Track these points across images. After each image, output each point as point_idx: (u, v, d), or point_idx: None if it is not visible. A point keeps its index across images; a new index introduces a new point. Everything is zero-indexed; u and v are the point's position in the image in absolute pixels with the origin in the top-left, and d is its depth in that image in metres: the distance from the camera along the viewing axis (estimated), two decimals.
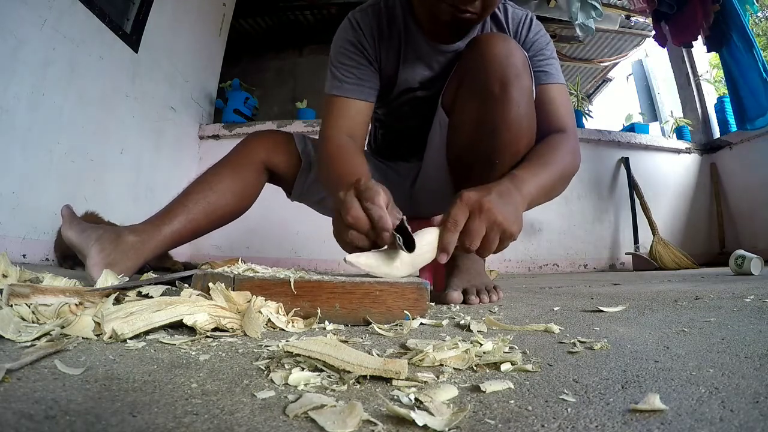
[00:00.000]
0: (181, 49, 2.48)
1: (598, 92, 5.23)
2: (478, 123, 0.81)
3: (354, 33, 0.90)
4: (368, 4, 0.93)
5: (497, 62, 0.77)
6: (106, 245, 0.77)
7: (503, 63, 0.77)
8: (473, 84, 0.81)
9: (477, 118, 0.81)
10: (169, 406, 0.25)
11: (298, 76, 4.04)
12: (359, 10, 0.92)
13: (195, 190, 0.90)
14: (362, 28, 0.90)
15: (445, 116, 0.91)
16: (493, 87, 0.77)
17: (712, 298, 0.78)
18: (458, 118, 0.87)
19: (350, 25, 0.91)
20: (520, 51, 0.80)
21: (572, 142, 0.85)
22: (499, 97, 0.77)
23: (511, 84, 0.77)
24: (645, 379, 0.31)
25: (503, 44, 0.78)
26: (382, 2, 0.92)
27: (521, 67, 0.78)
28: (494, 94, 0.77)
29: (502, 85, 0.77)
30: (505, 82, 0.77)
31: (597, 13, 2.53)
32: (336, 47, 0.91)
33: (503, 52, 0.77)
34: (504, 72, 0.77)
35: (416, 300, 0.54)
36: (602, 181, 2.71)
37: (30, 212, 1.56)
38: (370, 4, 0.93)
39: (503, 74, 0.77)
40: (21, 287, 0.46)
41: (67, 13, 1.70)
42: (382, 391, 0.28)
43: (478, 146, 0.82)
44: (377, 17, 0.91)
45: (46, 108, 1.63)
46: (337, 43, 0.92)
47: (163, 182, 2.30)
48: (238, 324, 0.46)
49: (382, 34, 0.91)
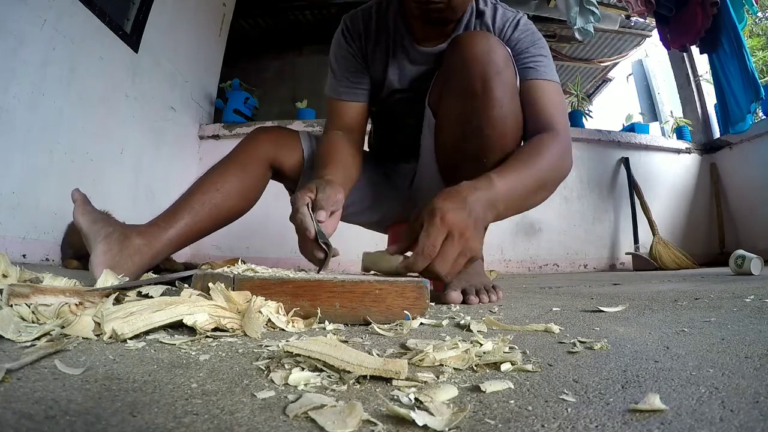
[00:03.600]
0: (181, 49, 2.48)
1: (598, 92, 5.23)
2: (463, 122, 0.81)
3: (344, 37, 0.95)
4: (361, 8, 0.96)
5: (477, 60, 0.76)
6: (113, 245, 0.77)
7: (484, 60, 0.76)
8: (455, 83, 0.81)
9: (461, 117, 0.81)
10: (169, 406, 0.25)
11: (298, 76, 4.04)
12: (350, 14, 0.97)
13: (200, 191, 0.89)
14: (351, 32, 0.95)
15: (433, 117, 0.91)
16: (475, 85, 0.77)
17: (712, 298, 0.78)
18: (444, 119, 0.87)
19: (341, 30, 0.96)
20: (501, 47, 0.78)
21: (561, 142, 0.79)
22: (482, 95, 0.76)
23: (493, 81, 0.76)
24: (645, 379, 0.31)
25: (483, 41, 0.77)
26: (375, 6, 0.94)
27: (502, 63, 0.77)
28: (476, 92, 0.77)
29: (484, 82, 0.76)
30: (487, 80, 0.76)
31: (595, 17, 2.53)
32: (331, 51, 0.98)
33: (483, 48, 0.76)
34: (485, 69, 0.76)
35: (416, 299, 0.54)
36: (602, 181, 2.71)
37: (30, 212, 1.56)
38: (362, 8, 0.96)
39: (484, 71, 0.76)
40: (21, 287, 0.46)
41: (67, 13, 1.70)
42: (382, 391, 0.28)
43: (464, 146, 0.82)
44: (367, 20, 0.94)
45: (46, 108, 1.63)
46: (332, 46, 0.98)
47: (163, 182, 2.30)
48: (238, 324, 0.46)
49: (370, 37, 0.94)
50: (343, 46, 0.95)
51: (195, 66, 2.64)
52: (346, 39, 0.95)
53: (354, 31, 0.95)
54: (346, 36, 0.95)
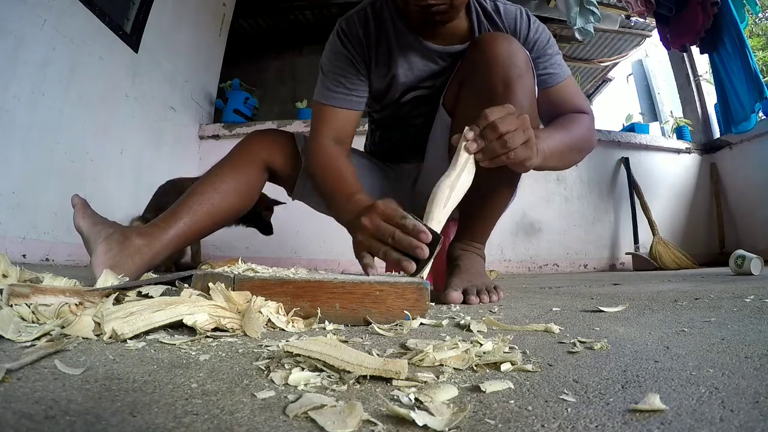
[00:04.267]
0: (181, 49, 2.48)
1: (598, 92, 5.23)
2: None
3: (341, 42, 0.92)
4: (354, 11, 0.93)
5: (500, 62, 0.77)
6: (113, 245, 0.77)
7: (506, 63, 0.77)
8: (476, 84, 0.81)
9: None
10: (169, 406, 0.25)
11: (298, 76, 4.04)
12: (345, 19, 0.93)
13: (198, 191, 0.90)
14: (349, 36, 0.91)
15: (447, 117, 0.92)
16: (497, 87, 0.77)
17: (712, 298, 0.78)
18: (461, 119, 0.85)
19: (337, 35, 0.92)
20: (522, 51, 0.80)
21: (591, 121, 0.89)
22: (503, 97, 0.77)
23: (515, 83, 0.77)
24: (645, 379, 0.31)
25: (506, 44, 0.78)
26: (369, 8, 0.92)
27: (524, 67, 0.78)
28: (498, 94, 0.77)
29: (506, 85, 0.77)
30: (508, 82, 0.77)
31: (595, 18, 2.53)
32: (325, 56, 0.94)
33: (506, 52, 0.77)
34: (507, 72, 0.77)
35: (416, 300, 0.54)
36: (602, 181, 2.71)
37: (30, 212, 1.56)
38: (356, 11, 0.93)
39: (506, 74, 0.77)
40: (21, 287, 0.46)
41: (67, 13, 1.70)
42: (382, 391, 0.28)
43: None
44: (364, 23, 0.91)
45: (46, 108, 1.63)
46: (327, 50, 0.94)
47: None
48: (238, 324, 0.46)
49: (370, 40, 0.91)
50: (341, 51, 0.91)
51: (195, 66, 2.64)
52: (344, 43, 0.91)
53: (352, 36, 0.91)
54: (343, 40, 0.91)
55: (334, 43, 0.93)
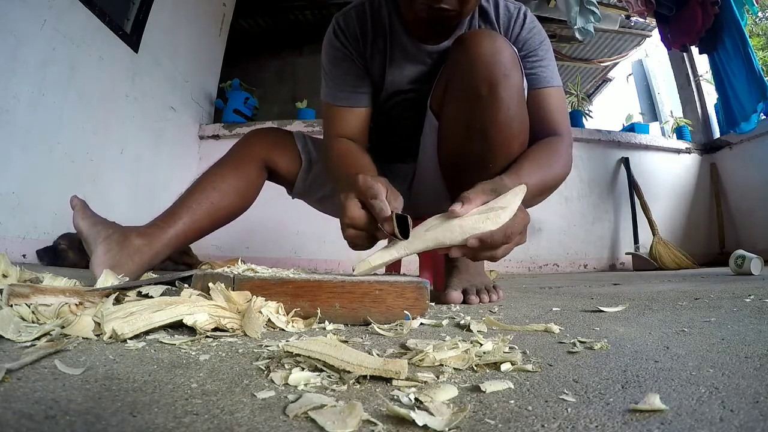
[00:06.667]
0: (181, 49, 2.48)
1: (598, 92, 5.23)
2: (468, 126, 0.78)
3: (339, 38, 0.90)
4: (352, 6, 0.91)
5: (484, 61, 0.73)
6: (113, 246, 0.77)
7: (490, 62, 0.73)
8: (460, 85, 0.78)
9: (466, 121, 0.78)
10: (169, 406, 0.25)
11: (297, 76, 4.04)
12: (342, 14, 0.91)
13: (198, 190, 0.90)
14: (346, 31, 0.89)
15: (435, 119, 0.89)
16: (481, 88, 0.74)
17: (712, 298, 0.78)
18: (447, 122, 0.84)
19: (334, 30, 0.91)
20: (508, 48, 0.75)
21: (567, 147, 0.83)
22: (488, 98, 0.74)
23: (500, 84, 0.73)
24: (645, 379, 0.31)
25: (489, 42, 0.74)
26: (367, 3, 0.90)
27: (510, 65, 0.74)
28: (482, 95, 0.74)
29: (490, 85, 0.73)
30: (493, 83, 0.73)
31: (596, 17, 2.53)
32: (325, 53, 0.92)
33: (489, 50, 0.73)
34: (491, 72, 0.73)
35: (416, 299, 0.54)
36: (602, 181, 2.71)
37: (30, 212, 1.56)
38: (353, 5, 0.91)
39: (490, 74, 0.73)
40: (21, 287, 0.46)
41: (67, 13, 1.70)
42: (382, 391, 0.28)
43: (469, 150, 0.80)
44: (361, 19, 0.89)
45: (46, 108, 1.63)
46: (325, 48, 0.92)
47: (163, 182, 2.30)
48: (238, 324, 0.46)
49: (366, 36, 0.89)
50: (339, 48, 0.90)
51: (195, 66, 2.64)
52: (341, 41, 0.90)
53: (349, 33, 0.89)
54: (340, 37, 0.90)
55: (331, 40, 0.91)
